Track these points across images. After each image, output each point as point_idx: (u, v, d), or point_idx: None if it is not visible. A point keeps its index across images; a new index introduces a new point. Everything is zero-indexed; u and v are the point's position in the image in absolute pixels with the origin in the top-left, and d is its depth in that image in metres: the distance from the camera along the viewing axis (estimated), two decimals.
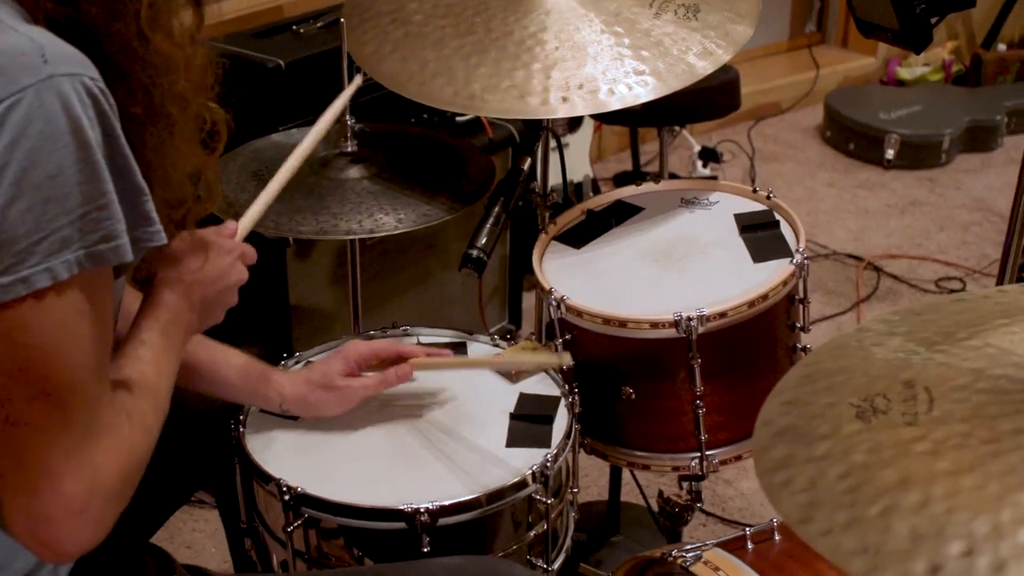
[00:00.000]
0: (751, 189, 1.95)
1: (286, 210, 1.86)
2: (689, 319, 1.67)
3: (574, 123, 3.46)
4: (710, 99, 2.96)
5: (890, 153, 4.20)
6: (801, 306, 1.81)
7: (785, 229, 1.86)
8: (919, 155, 4.23)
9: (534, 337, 1.93)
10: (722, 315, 1.69)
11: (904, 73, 4.74)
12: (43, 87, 1.08)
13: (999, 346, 1.29)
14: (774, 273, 1.76)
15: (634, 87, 1.80)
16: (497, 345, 1.86)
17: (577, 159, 3.49)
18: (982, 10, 5.02)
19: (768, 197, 1.92)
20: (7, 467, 1.14)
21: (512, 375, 1.77)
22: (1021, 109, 4.41)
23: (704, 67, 1.84)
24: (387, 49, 1.94)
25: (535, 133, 1.98)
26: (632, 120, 3.30)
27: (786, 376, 1.37)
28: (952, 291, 3.49)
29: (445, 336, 1.89)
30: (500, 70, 1.85)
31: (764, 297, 1.71)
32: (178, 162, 1.28)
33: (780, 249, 1.81)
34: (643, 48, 1.85)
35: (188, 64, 1.28)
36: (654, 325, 1.70)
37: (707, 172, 3.90)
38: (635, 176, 3.89)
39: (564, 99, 1.81)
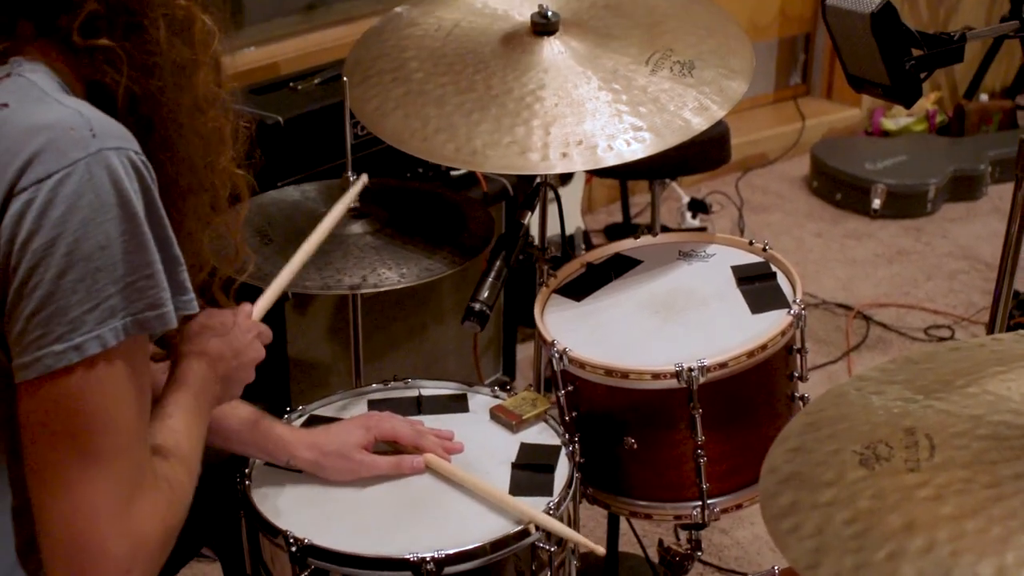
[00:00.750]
0: (747, 241, 1.99)
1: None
2: (690, 370, 1.70)
3: (565, 176, 3.50)
4: (701, 152, 3.00)
5: (876, 203, 4.24)
6: (799, 355, 1.84)
7: (782, 280, 1.90)
8: (905, 205, 4.29)
9: (532, 387, 1.95)
10: (723, 365, 1.72)
11: (888, 124, 4.81)
12: (92, 160, 1.14)
13: (997, 393, 1.33)
14: (773, 324, 1.79)
15: (632, 143, 1.85)
16: (497, 396, 1.88)
17: (569, 211, 3.52)
18: (963, 62, 5.09)
19: (764, 249, 1.96)
20: (55, 528, 1.17)
21: (513, 424, 1.80)
22: (1005, 158, 4.47)
23: (699, 123, 1.89)
24: (389, 106, 1.98)
25: (535, 187, 2.01)
26: (624, 173, 3.35)
27: (789, 424, 1.40)
28: (941, 339, 3.54)
29: (446, 388, 1.91)
30: (501, 126, 1.89)
31: (763, 347, 1.75)
32: (207, 228, 1.33)
33: (778, 300, 1.85)
34: (640, 104, 1.89)
35: (233, 135, 1.33)
36: (656, 376, 1.73)
37: (696, 223, 3.94)
38: (626, 228, 3.93)
39: (564, 155, 1.85)
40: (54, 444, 1.15)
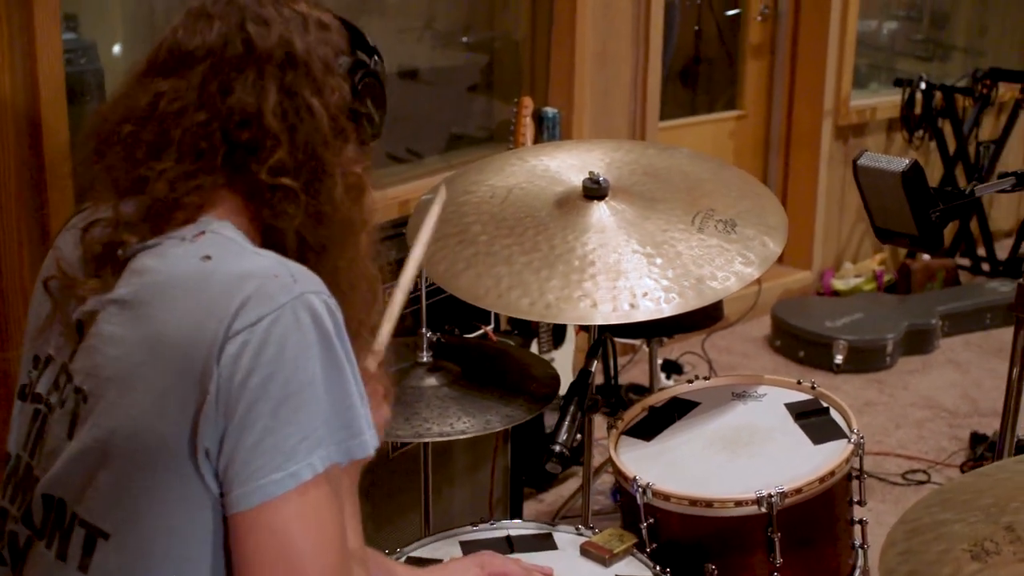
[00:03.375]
0: (795, 381, 2.16)
1: None
2: (770, 496, 1.85)
3: (558, 338, 3.67)
4: (701, 309, 3.18)
5: (839, 358, 4.47)
6: (858, 481, 2.00)
7: (834, 414, 2.07)
8: (866, 359, 4.52)
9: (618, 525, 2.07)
10: (798, 491, 1.87)
11: (839, 284, 5.09)
12: (297, 303, 1.27)
13: None
14: (835, 452, 1.95)
15: (677, 297, 2.02)
16: (581, 534, 2.00)
17: (561, 371, 3.68)
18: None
19: (812, 387, 2.13)
20: None
21: (605, 558, 1.91)
22: (952, 313, 4.77)
23: (751, 273, 2.08)
24: (459, 267, 2.13)
25: (597, 339, 2.17)
26: (622, 332, 3.50)
27: (890, 532, 1.56)
28: (920, 483, 3.72)
29: (530, 528, 2.03)
30: (569, 282, 2.05)
31: (832, 473, 1.90)
32: None
33: (835, 431, 2.02)
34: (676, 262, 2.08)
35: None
36: (739, 503, 1.87)
37: (671, 383, 4.12)
38: (612, 388, 4.08)
39: (632, 306, 2.02)
40: (272, 567, 1.24)
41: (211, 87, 1.35)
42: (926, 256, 5.15)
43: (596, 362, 2.11)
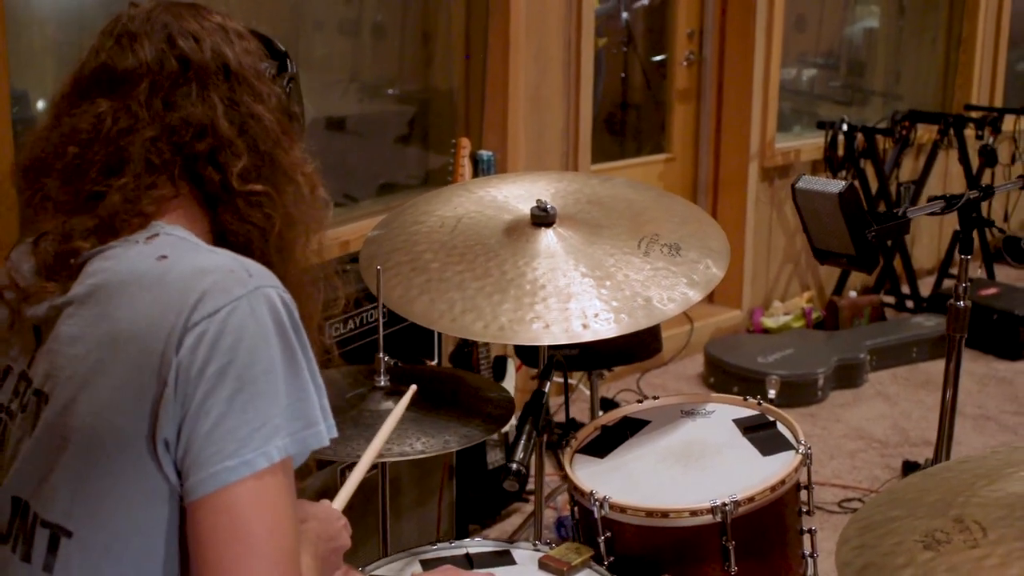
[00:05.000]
0: (742, 398, 2.22)
1: (340, 439, 2.04)
2: (724, 505, 1.90)
3: (498, 375, 3.72)
4: (641, 343, 3.26)
5: (772, 393, 4.52)
6: (806, 491, 2.06)
7: (781, 427, 2.13)
8: (798, 394, 4.62)
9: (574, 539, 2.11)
10: (751, 500, 1.93)
11: (768, 322, 5.20)
12: (253, 296, 1.31)
13: (1020, 488, 1.59)
14: (785, 463, 2.02)
15: (657, 305, 2.08)
16: (537, 549, 2.04)
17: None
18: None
19: (759, 403, 2.20)
20: None
21: (564, 571, 1.95)
22: (880, 347, 4.89)
23: (695, 295, 2.14)
24: (413, 293, 2.18)
25: (548, 361, 2.22)
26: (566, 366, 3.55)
27: (843, 530, 1.62)
28: (855, 510, 3.80)
29: (488, 546, 2.06)
30: (522, 304, 2.11)
31: (783, 482, 1.97)
32: None
33: (783, 443, 2.08)
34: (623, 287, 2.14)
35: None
36: (693, 513, 1.92)
37: None
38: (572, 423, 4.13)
39: (584, 326, 2.07)
40: (226, 547, 1.25)
41: (155, 104, 1.40)
42: (852, 293, 5.28)
43: (548, 383, 2.16)
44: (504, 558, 2.03)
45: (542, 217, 2.26)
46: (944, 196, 2.36)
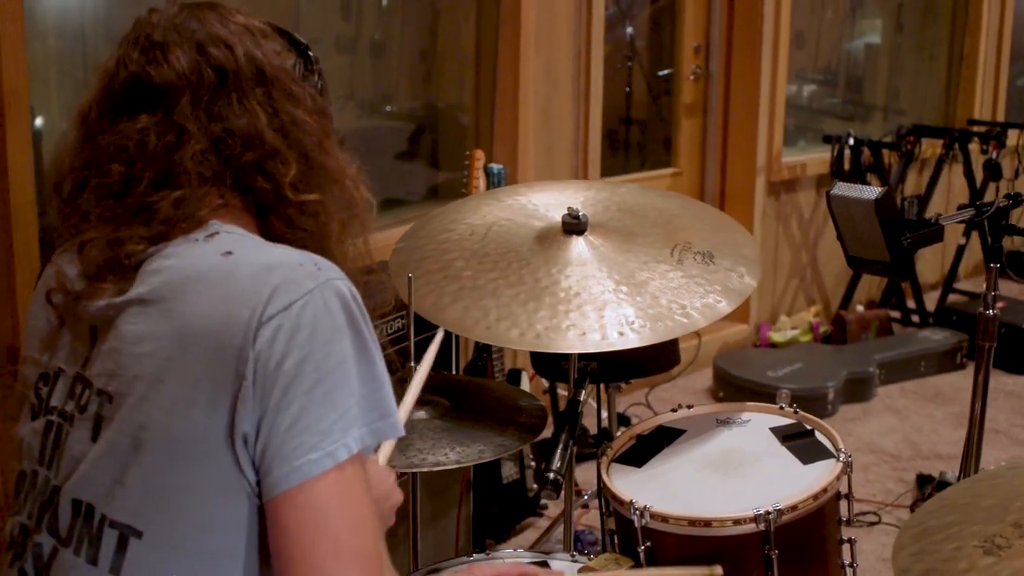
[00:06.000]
0: (778, 406, 2.20)
1: None
2: (767, 513, 1.88)
3: (512, 385, 3.69)
4: (660, 354, 3.23)
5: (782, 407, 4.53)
6: (846, 501, 2.04)
7: (819, 436, 2.11)
8: (808, 407, 4.53)
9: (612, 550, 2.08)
10: (794, 508, 1.91)
11: (776, 336, 5.18)
12: (324, 288, 1.30)
13: None
14: (826, 471, 2.00)
15: (693, 314, 2.06)
16: (575, 560, 2.01)
17: None
18: (836, 276, 5.58)
19: (795, 411, 2.18)
20: None
21: None
22: (888, 361, 4.88)
23: (727, 305, 2.12)
24: (446, 300, 2.16)
25: (582, 370, 2.20)
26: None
27: (897, 537, 1.60)
28: (871, 524, 3.78)
29: (525, 557, 2.03)
30: (557, 312, 2.09)
31: (825, 490, 1.94)
32: None
33: (823, 451, 2.06)
34: (659, 293, 2.12)
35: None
36: (736, 522, 1.90)
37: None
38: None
39: (620, 334, 2.05)
40: (313, 545, 1.24)
41: (200, 116, 1.38)
42: (859, 307, 5.27)
43: (583, 392, 2.14)
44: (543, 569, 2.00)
45: (574, 225, 2.24)
46: (976, 204, 2.35)
